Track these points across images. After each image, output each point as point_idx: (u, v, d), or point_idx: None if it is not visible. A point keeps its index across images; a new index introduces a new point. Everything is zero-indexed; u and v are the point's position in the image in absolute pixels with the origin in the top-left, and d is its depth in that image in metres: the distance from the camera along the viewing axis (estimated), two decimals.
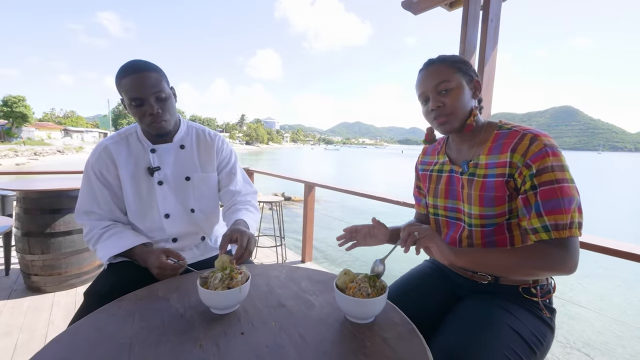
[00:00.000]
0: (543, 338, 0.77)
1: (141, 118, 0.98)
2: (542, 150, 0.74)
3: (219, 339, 0.65)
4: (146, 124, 0.99)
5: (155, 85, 0.95)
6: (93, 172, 1.04)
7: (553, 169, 0.72)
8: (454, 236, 0.91)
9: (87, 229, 1.05)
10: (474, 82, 0.86)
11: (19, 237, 2.29)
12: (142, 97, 0.94)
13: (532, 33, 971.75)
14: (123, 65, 0.95)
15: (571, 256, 0.71)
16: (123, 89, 0.95)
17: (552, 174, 0.72)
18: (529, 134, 0.77)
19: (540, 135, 0.76)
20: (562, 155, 0.75)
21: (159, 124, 0.98)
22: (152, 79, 0.94)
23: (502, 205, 0.80)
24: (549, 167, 0.72)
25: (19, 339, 1.77)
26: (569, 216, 0.71)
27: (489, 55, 1.70)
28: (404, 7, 2.48)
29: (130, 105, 0.96)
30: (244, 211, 1.13)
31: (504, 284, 0.84)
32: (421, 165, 1.06)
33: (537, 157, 0.74)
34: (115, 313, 0.74)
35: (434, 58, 0.87)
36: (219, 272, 0.75)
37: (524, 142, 0.77)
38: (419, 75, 0.88)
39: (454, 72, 0.83)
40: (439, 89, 0.83)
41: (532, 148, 0.75)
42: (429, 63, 0.87)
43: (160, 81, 0.97)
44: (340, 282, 0.75)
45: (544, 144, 0.74)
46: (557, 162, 0.73)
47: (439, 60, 0.86)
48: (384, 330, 0.68)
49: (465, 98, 0.84)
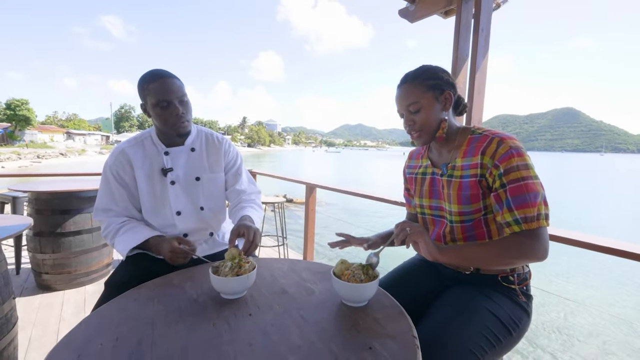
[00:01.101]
0: (519, 321, 0.86)
1: (167, 119, 1.07)
2: (508, 152, 0.82)
3: (229, 318, 0.73)
4: (171, 124, 1.08)
5: (179, 89, 1.06)
6: (111, 173, 1.13)
7: (519, 168, 0.81)
8: (438, 232, 1.00)
9: (104, 225, 1.13)
10: (444, 94, 0.93)
11: (31, 236, 2.38)
12: (169, 100, 1.04)
13: (534, 35, 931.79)
14: (149, 72, 1.07)
15: (541, 244, 0.79)
16: (150, 92, 1.04)
17: (518, 172, 0.81)
18: (497, 138, 0.86)
19: (506, 139, 0.85)
20: (526, 155, 0.83)
21: (183, 124, 1.09)
22: (177, 84, 1.06)
23: (477, 202, 0.89)
24: (514, 167, 0.81)
25: (32, 334, 1.86)
26: (535, 209, 0.79)
27: (480, 62, 1.79)
28: (400, 16, 2.58)
29: (157, 107, 1.05)
30: (248, 208, 1.22)
31: (485, 274, 0.92)
32: (408, 169, 1.15)
33: (503, 158, 0.82)
34: (136, 298, 0.82)
35: (407, 75, 0.95)
36: (228, 262, 0.84)
37: (492, 146, 0.85)
38: (396, 91, 0.98)
39: (423, 91, 0.92)
40: (410, 109, 0.93)
41: (499, 150, 0.83)
42: (402, 82, 0.96)
43: (183, 87, 1.09)
44: (337, 270, 0.83)
45: (510, 146, 0.83)
46: (522, 161, 0.81)
47: (410, 78, 0.94)
48: (376, 311, 0.77)
49: (434, 114, 0.93)
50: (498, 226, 0.90)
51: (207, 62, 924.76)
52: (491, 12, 1.85)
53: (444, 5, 2.19)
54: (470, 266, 0.94)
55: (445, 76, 0.95)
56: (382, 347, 0.64)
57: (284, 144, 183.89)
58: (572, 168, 54.22)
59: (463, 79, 1.91)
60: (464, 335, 0.78)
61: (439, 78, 0.93)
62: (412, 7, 2.41)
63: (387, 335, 0.68)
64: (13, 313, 1.36)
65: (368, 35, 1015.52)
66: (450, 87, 0.95)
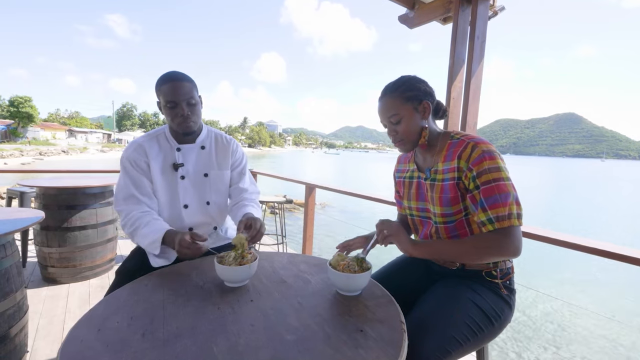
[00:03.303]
0: (501, 312, 0.92)
1: (173, 118, 1.15)
2: (481, 155, 0.88)
3: (233, 303, 0.80)
4: (177, 123, 1.15)
5: (187, 92, 1.13)
6: (129, 162, 1.17)
7: (490, 170, 0.87)
8: (426, 232, 1.06)
9: (124, 214, 1.15)
10: (422, 104, 0.98)
11: (38, 230, 2.45)
12: (176, 101, 1.12)
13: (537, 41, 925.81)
14: (164, 74, 1.15)
15: (511, 242, 0.84)
16: (162, 93, 1.13)
17: (489, 174, 0.87)
18: (471, 143, 0.92)
19: (479, 143, 0.91)
20: (498, 158, 0.89)
21: (187, 124, 1.16)
22: (186, 87, 1.13)
23: (458, 204, 0.95)
24: (486, 170, 0.87)
25: (39, 323, 1.92)
26: (507, 209, 0.85)
27: (475, 68, 1.86)
28: (400, 22, 2.66)
29: (166, 107, 1.14)
30: (250, 207, 1.29)
31: (470, 269, 0.98)
32: (397, 173, 1.22)
33: (476, 161, 0.89)
34: (146, 284, 0.89)
35: (386, 88, 1.01)
36: (232, 252, 0.91)
37: (467, 150, 0.92)
38: (378, 104, 1.04)
39: (401, 102, 0.97)
40: (391, 120, 0.99)
41: (473, 154, 0.90)
42: (382, 94, 1.01)
43: (191, 90, 1.15)
44: (333, 261, 0.90)
45: (482, 150, 0.89)
46: (493, 164, 0.87)
47: (390, 91, 0.99)
48: (367, 300, 0.84)
49: (414, 123, 0.98)
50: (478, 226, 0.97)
51: (210, 62, 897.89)
52: (487, 20, 1.92)
53: (443, 12, 2.26)
54: (444, 260, 1.01)
55: (422, 86, 0.99)
56: (372, 330, 0.70)
57: (285, 145, 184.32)
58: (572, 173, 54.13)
59: (459, 84, 1.98)
60: (448, 323, 0.84)
61: (416, 89, 0.97)
62: (411, 14, 2.48)
63: (377, 320, 0.74)
64: (24, 302, 1.43)
65: (371, 38, 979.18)
66: (428, 96, 1.00)
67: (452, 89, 1.96)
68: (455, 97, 1.97)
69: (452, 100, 1.97)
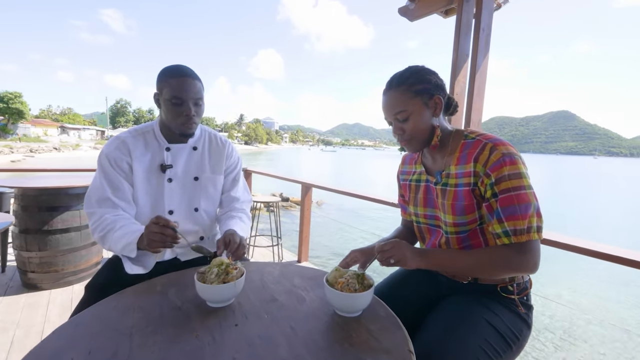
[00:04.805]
0: (519, 333, 0.82)
1: (175, 116, 1.04)
2: (500, 159, 0.78)
3: (214, 329, 0.69)
4: (179, 122, 1.05)
5: (197, 92, 1.05)
6: (108, 161, 1.05)
7: (510, 177, 0.76)
8: (434, 242, 0.96)
9: (96, 217, 1.01)
10: (434, 99, 0.87)
11: (16, 234, 2.30)
12: (184, 99, 1.02)
13: (532, 38, 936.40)
14: (175, 66, 1.05)
15: (529, 258, 0.75)
16: (168, 86, 1.02)
17: (508, 182, 0.76)
18: (490, 144, 0.81)
19: (499, 145, 0.80)
20: (520, 162, 0.78)
21: (190, 124, 1.06)
22: (197, 86, 1.05)
23: (473, 213, 0.84)
24: (505, 176, 0.77)
25: (15, 335, 1.79)
26: (526, 221, 0.75)
27: (480, 62, 1.76)
28: (400, 14, 2.54)
29: (169, 102, 1.02)
30: (237, 220, 1.17)
31: (483, 284, 0.88)
32: (401, 175, 1.10)
33: (495, 166, 0.78)
34: (115, 306, 0.77)
35: (392, 81, 0.88)
36: (215, 267, 0.79)
37: (484, 152, 0.81)
38: (382, 98, 0.91)
39: (410, 97, 0.85)
40: (398, 118, 0.87)
41: (492, 158, 0.79)
42: (387, 88, 0.89)
43: (201, 90, 1.07)
44: (330, 277, 0.79)
45: (502, 153, 0.78)
46: (514, 170, 0.77)
47: (396, 84, 0.87)
48: (370, 322, 0.73)
49: (424, 120, 0.87)
50: None
51: (207, 58, 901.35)
52: (492, 11, 1.82)
53: (445, 4, 2.15)
54: (455, 273, 0.91)
55: (433, 79, 0.88)
56: None
57: (281, 142, 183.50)
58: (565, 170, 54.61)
59: (463, 79, 1.88)
60: (462, 350, 0.74)
61: (426, 81, 0.86)
62: (412, 6, 2.37)
63: (382, 350, 0.63)
64: None
65: (368, 35, 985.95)
66: (440, 90, 0.88)
67: (456, 85, 1.86)
68: (459, 93, 1.87)
69: (456, 96, 1.87)
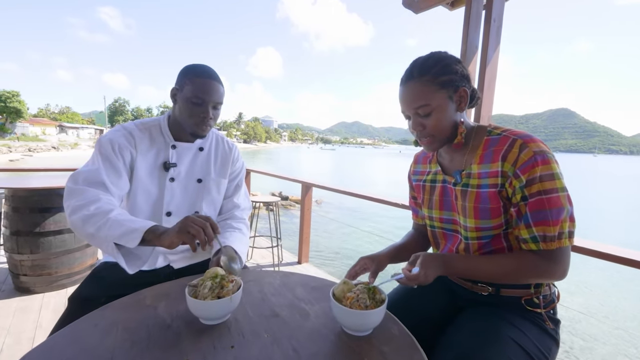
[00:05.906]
0: (548, 352, 0.74)
1: (192, 115, 1.01)
2: (532, 159, 0.70)
3: (207, 352, 0.61)
4: (194, 122, 1.02)
5: (219, 97, 1.03)
6: (111, 145, 0.95)
7: (542, 179, 0.69)
8: (451, 248, 0.88)
9: (84, 195, 0.84)
10: (459, 91, 0.78)
11: (7, 236, 2.23)
12: (206, 100, 1.00)
13: (532, 36, 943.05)
14: (200, 65, 1.02)
15: (558, 266, 0.70)
16: (193, 84, 0.98)
17: (540, 184, 0.69)
18: (519, 141, 0.73)
19: (529, 142, 0.72)
20: (553, 161, 0.70)
21: (205, 127, 1.04)
22: (220, 90, 1.03)
23: (499, 217, 0.76)
24: (537, 178, 0.69)
25: (5, 342, 1.71)
26: (557, 227, 0.68)
27: (491, 55, 1.67)
28: (404, 6, 2.45)
29: (189, 101, 0.99)
30: (237, 233, 1.10)
31: (506, 295, 0.80)
32: (414, 175, 1.02)
33: (526, 166, 0.70)
34: (97, 324, 0.69)
35: (413, 69, 0.78)
36: (208, 281, 0.71)
37: (514, 150, 0.73)
38: (400, 89, 0.82)
39: (434, 90, 0.76)
40: (419, 112, 0.78)
41: (522, 156, 0.71)
42: (408, 77, 0.79)
43: (222, 95, 1.05)
44: (337, 291, 0.71)
45: (534, 151, 0.70)
46: (547, 170, 0.69)
47: (418, 74, 0.77)
48: (382, 343, 0.65)
49: (448, 116, 0.78)
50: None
51: (206, 57, 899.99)
52: (504, 2, 1.73)
53: None
54: (476, 279, 0.83)
55: (459, 68, 0.78)
56: None
57: (280, 140, 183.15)
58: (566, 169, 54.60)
59: (472, 73, 1.79)
60: None
61: (452, 72, 0.76)
62: None
63: None
64: None
65: (368, 33, 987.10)
66: (466, 81, 0.79)
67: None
68: None
69: None
